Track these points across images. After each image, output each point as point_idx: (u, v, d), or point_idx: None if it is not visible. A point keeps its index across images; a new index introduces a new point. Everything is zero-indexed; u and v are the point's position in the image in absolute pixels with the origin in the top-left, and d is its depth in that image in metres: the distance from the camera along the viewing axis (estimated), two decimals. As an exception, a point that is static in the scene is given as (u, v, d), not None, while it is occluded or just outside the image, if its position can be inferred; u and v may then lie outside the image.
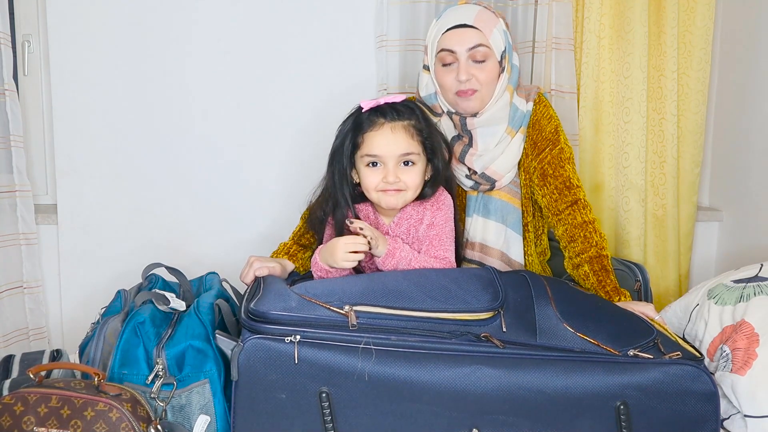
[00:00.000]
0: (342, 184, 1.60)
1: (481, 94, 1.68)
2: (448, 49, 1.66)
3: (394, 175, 1.56)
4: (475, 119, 1.71)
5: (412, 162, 1.57)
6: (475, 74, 1.66)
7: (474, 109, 1.70)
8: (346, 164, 1.59)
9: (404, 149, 1.56)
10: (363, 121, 1.57)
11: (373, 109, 1.58)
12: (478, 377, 1.32)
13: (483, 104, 1.70)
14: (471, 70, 1.66)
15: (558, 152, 1.74)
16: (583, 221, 1.71)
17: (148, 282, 1.71)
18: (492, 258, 1.75)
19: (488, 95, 1.69)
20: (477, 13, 1.67)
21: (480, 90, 1.68)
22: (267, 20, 2.17)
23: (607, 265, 1.68)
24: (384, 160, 1.56)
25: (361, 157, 1.58)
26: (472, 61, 1.66)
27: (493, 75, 1.68)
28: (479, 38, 1.65)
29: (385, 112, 1.56)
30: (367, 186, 1.59)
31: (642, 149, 2.22)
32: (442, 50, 1.67)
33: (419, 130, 1.58)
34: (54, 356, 1.61)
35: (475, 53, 1.66)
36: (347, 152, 1.58)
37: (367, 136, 1.56)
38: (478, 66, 1.66)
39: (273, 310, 1.35)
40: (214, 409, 1.42)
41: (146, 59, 2.13)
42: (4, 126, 2.02)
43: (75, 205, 2.15)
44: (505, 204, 1.76)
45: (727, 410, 1.45)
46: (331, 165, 1.62)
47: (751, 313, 1.49)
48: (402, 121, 1.56)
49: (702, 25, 2.26)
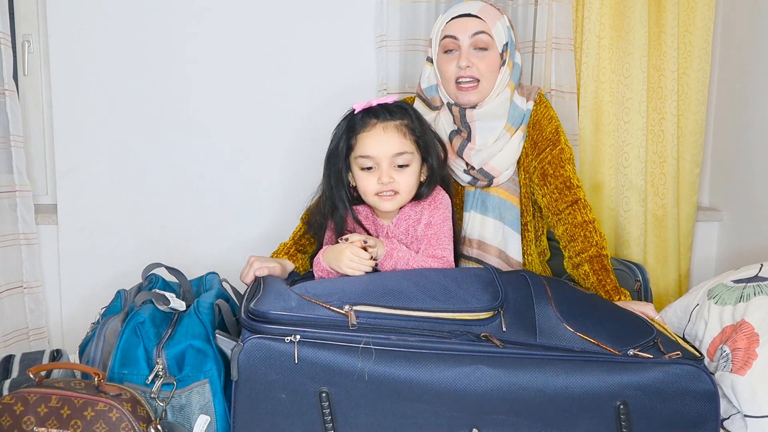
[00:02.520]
0: (339, 187, 1.61)
1: (480, 86, 1.70)
2: (451, 36, 1.70)
3: (388, 176, 1.56)
4: (474, 111, 1.72)
5: (405, 163, 1.57)
6: (475, 62, 1.68)
7: (473, 102, 1.71)
8: (342, 167, 1.60)
9: (397, 149, 1.56)
10: (356, 123, 1.58)
11: (365, 110, 1.59)
12: (478, 377, 1.32)
13: (482, 97, 1.71)
14: (472, 57, 1.69)
15: (558, 152, 1.75)
16: (583, 221, 1.71)
17: (148, 282, 1.71)
18: (490, 255, 1.76)
19: (488, 87, 1.71)
20: (482, 6, 1.72)
21: (480, 81, 1.69)
22: (267, 20, 2.17)
23: (607, 265, 1.68)
24: (377, 161, 1.56)
25: (356, 158, 1.58)
26: (473, 49, 1.69)
27: (494, 66, 1.70)
28: (482, 26, 1.69)
29: (377, 113, 1.57)
30: (364, 191, 1.60)
31: (642, 149, 2.22)
32: (446, 37, 1.71)
33: (412, 130, 1.59)
34: (54, 356, 1.61)
35: (477, 40, 1.68)
36: (342, 155, 1.59)
37: (360, 137, 1.57)
38: (480, 54, 1.69)
39: (273, 310, 1.35)
40: (214, 409, 1.42)
41: (146, 59, 2.13)
42: (4, 126, 2.02)
43: (75, 205, 2.15)
44: (502, 201, 1.76)
45: (727, 410, 1.45)
46: (327, 168, 1.62)
47: (751, 313, 1.49)
48: (394, 121, 1.57)
49: (702, 25, 2.26)
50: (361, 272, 1.52)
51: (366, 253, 1.52)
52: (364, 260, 1.52)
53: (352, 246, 1.52)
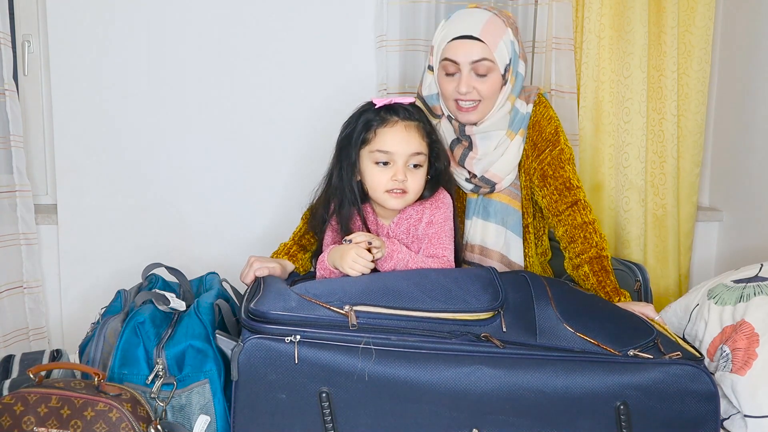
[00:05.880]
0: (350, 178, 1.60)
1: (481, 105, 1.68)
2: (452, 60, 1.66)
3: (403, 174, 1.56)
4: (474, 128, 1.71)
5: (419, 163, 1.58)
6: (476, 86, 1.66)
7: (473, 121, 1.71)
8: (355, 157, 1.59)
9: (416, 148, 1.57)
10: (375, 117, 1.58)
11: (386, 106, 1.59)
12: (478, 377, 1.32)
13: (483, 116, 1.70)
14: (472, 82, 1.66)
15: (558, 153, 1.74)
16: (583, 222, 1.71)
17: (148, 282, 1.71)
18: (491, 260, 1.75)
19: (488, 107, 1.69)
20: (485, 24, 1.65)
21: (481, 101, 1.68)
22: (267, 20, 2.17)
23: (607, 266, 1.68)
24: (394, 158, 1.57)
25: (371, 152, 1.58)
26: (474, 74, 1.66)
27: (495, 88, 1.68)
28: (483, 52, 1.64)
29: (397, 111, 1.58)
30: (374, 185, 1.59)
31: (642, 149, 2.22)
32: (446, 59, 1.67)
33: (428, 133, 1.60)
34: (54, 356, 1.61)
35: (478, 66, 1.65)
36: (356, 145, 1.59)
37: (380, 132, 1.57)
38: (480, 79, 1.66)
39: (273, 310, 1.35)
40: (214, 409, 1.42)
41: (146, 59, 2.13)
42: (4, 126, 2.02)
43: (75, 205, 2.15)
44: (505, 206, 1.76)
45: (727, 410, 1.45)
46: (338, 157, 1.62)
47: (751, 313, 1.49)
48: (414, 122, 1.58)
49: (702, 25, 2.26)
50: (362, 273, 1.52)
51: (370, 255, 1.53)
52: (367, 261, 1.52)
53: (357, 246, 1.52)
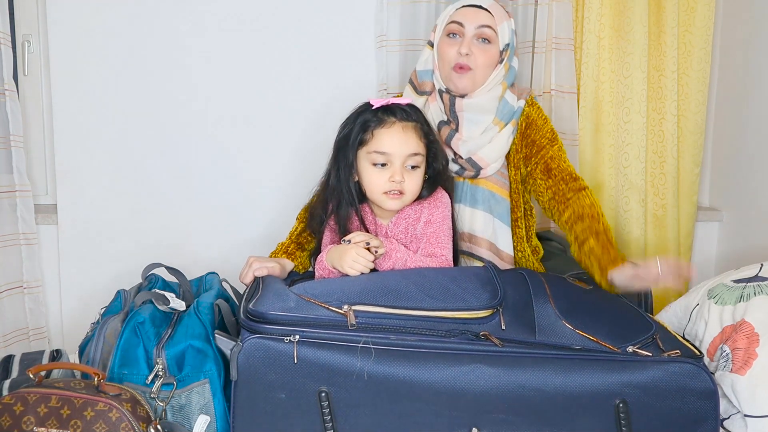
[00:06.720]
0: (348, 179, 1.60)
1: (475, 74, 1.72)
2: (458, 22, 1.73)
3: (401, 175, 1.57)
4: (464, 101, 1.73)
5: (417, 164, 1.59)
6: (475, 53, 1.71)
7: (466, 89, 1.73)
8: (352, 158, 1.60)
9: (413, 149, 1.58)
10: (372, 118, 1.59)
11: (383, 107, 1.60)
12: (477, 376, 1.32)
13: (475, 86, 1.73)
14: (473, 47, 1.71)
15: (557, 149, 1.78)
16: (591, 203, 1.72)
17: (148, 282, 1.71)
18: (481, 248, 1.76)
19: (482, 79, 1.73)
20: (493, 2, 1.76)
21: (475, 70, 1.72)
22: (266, 20, 2.17)
23: (612, 239, 1.67)
24: (392, 159, 1.57)
25: (368, 153, 1.58)
26: (476, 39, 1.72)
27: (492, 60, 1.73)
28: (489, 20, 1.72)
29: (395, 112, 1.59)
30: (371, 187, 1.60)
31: (642, 149, 2.22)
32: (452, 22, 1.74)
33: (426, 133, 1.61)
34: (54, 356, 1.61)
35: (482, 32, 1.71)
36: (353, 146, 1.59)
37: (378, 133, 1.57)
38: (481, 46, 1.72)
39: (272, 310, 1.35)
40: (213, 409, 1.42)
41: (146, 59, 2.13)
42: (4, 126, 2.02)
43: (75, 205, 2.15)
44: (492, 194, 1.77)
45: (727, 410, 1.45)
46: (336, 158, 1.63)
47: (751, 313, 1.49)
48: (412, 122, 1.59)
49: (702, 25, 2.26)
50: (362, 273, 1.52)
51: (370, 255, 1.53)
52: (367, 261, 1.52)
53: (356, 246, 1.53)
